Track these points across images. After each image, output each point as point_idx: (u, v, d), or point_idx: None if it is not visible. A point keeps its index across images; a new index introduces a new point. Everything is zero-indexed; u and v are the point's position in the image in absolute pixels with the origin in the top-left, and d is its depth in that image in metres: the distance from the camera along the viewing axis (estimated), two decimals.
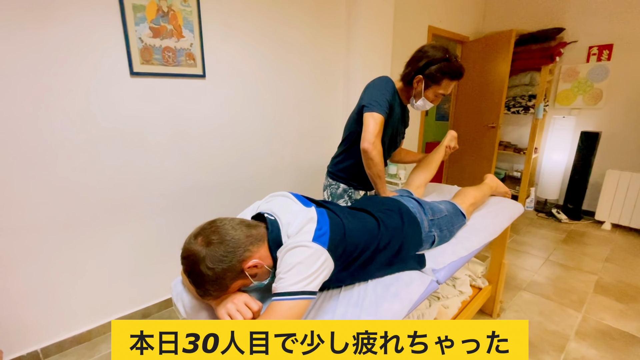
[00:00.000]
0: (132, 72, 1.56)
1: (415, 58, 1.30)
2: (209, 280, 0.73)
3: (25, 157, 1.38)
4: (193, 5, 1.68)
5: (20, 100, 1.33)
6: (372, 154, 1.23)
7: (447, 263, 1.12)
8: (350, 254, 0.88)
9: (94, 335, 1.71)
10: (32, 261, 1.47)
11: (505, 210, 1.61)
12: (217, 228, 0.77)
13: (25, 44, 1.31)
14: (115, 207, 1.64)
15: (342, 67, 2.56)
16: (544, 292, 2.14)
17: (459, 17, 3.56)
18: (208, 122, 1.89)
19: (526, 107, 3.54)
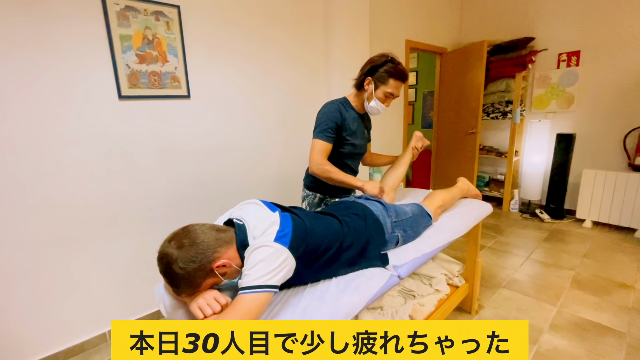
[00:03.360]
0: (120, 96, 1.69)
1: (364, 67, 1.47)
2: (182, 279, 0.83)
3: (19, 176, 1.48)
4: (176, 33, 1.82)
5: (16, 124, 1.45)
6: (322, 170, 1.43)
7: (409, 259, 1.22)
8: (313, 253, 0.98)
9: (88, 347, 1.77)
10: (26, 276, 1.55)
11: (474, 210, 1.71)
12: (188, 232, 0.87)
13: (23, 72, 1.44)
14: (105, 223, 1.74)
15: (323, 82, 2.70)
16: (522, 289, 2.22)
17: (436, 30, 3.75)
18: (193, 139, 2.01)
19: (504, 112, 3.70)
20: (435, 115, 4.11)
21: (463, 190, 1.79)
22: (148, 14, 1.70)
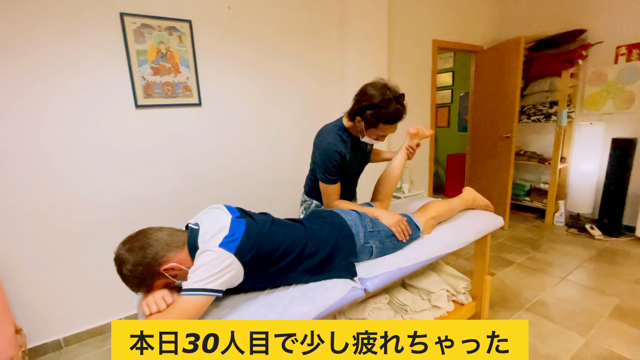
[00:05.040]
0: (136, 105, 1.87)
1: (357, 98, 1.31)
2: (131, 280, 0.90)
3: (51, 178, 1.72)
4: (188, 45, 1.96)
5: (51, 131, 1.69)
6: (335, 206, 1.42)
7: (381, 272, 1.17)
8: (265, 259, 0.99)
9: (106, 329, 1.98)
10: (55, 263, 1.79)
11: (478, 224, 1.58)
12: (141, 237, 0.94)
13: (54, 88, 1.67)
14: (123, 219, 1.93)
15: (337, 86, 2.68)
16: (548, 313, 1.98)
17: (471, 27, 3.51)
18: (205, 145, 2.14)
19: (548, 114, 3.33)
20: (470, 119, 3.84)
21: (467, 201, 1.66)
22: (162, 30, 1.86)
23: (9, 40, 1.54)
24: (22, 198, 1.66)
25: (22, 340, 1.62)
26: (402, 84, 1.42)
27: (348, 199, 1.58)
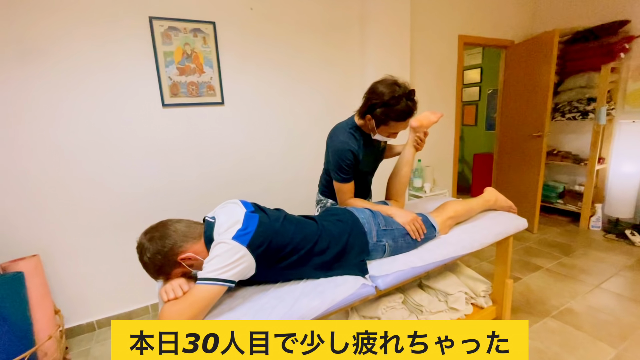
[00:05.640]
0: (163, 104, 1.97)
1: (366, 96, 1.30)
2: (151, 267, 0.96)
3: (85, 173, 1.85)
4: (212, 46, 2.03)
5: (84, 131, 1.82)
6: (349, 205, 1.42)
7: (392, 271, 1.16)
8: (276, 253, 1.02)
9: (133, 315, 2.11)
10: (89, 252, 1.93)
11: (498, 225, 1.53)
12: (161, 227, 1.00)
13: (88, 89, 1.79)
14: (149, 212, 2.04)
15: (358, 83, 2.67)
16: (577, 322, 1.87)
17: (500, 21, 3.36)
18: (226, 142, 2.21)
19: (584, 111, 3.12)
20: (498, 116, 3.68)
21: (488, 201, 1.61)
22: (187, 32, 1.94)
23: (50, 45, 1.68)
24: (61, 192, 1.81)
25: (60, 321, 1.77)
26: (425, 81, 1.40)
27: (363, 198, 1.57)
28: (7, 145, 1.67)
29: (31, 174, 1.73)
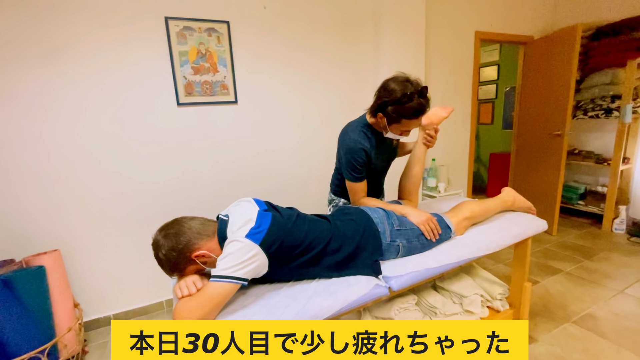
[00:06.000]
0: (178, 103, 1.99)
1: (378, 93, 1.28)
2: (165, 263, 0.98)
3: (103, 170, 1.90)
4: (226, 45, 2.05)
5: (103, 129, 1.86)
6: (362, 204, 1.40)
7: (406, 272, 1.14)
8: (288, 252, 1.01)
9: (149, 310, 2.15)
10: (107, 247, 1.98)
11: (516, 227, 1.48)
12: (176, 224, 1.01)
13: (107, 90, 1.83)
14: (164, 209, 2.07)
15: (371, 80, 2.64)
16: (599, 328, 1.80)
17: (519, 15, 3.27)
18: (239, 140, 2.23)
19: (608, 109, 3.00)
20: (516, 115, 3.58)
21: (506, 202, 1.56)
22: (202, 31, 1.96)
23: (70, 46, 1.73)
24: (80, 188, 1.86)
25: (79, 314, 1.82)
26: (440, 79, 1.37)
27: (375, 197, 1.55)
28: (31, 142, 1.73)
29: (53, 171, 1.79)
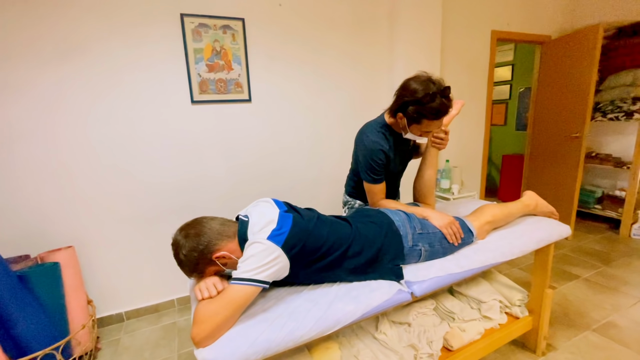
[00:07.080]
0: (192, 101, 1.98)
1: (398, 93, 1.24)
2: (186, 264, 0.96)
3: (118, 168, 1.89)
4: (240, 43, 2.03)
5: (116, 128, 1.85)
6: (381, 206, 1.38)
7: (429, 277, 1.11)
8: (309, 255, 0.98)
9: (160, 308, 2.15)
10: (120, 245, 1.98)
11: (539, 231, 1.43)
12: (197, 224, 0.99)
13: (123, 87, 1.83)
14: (179, 206, 2.07)
15: (386, 80, 2.60)
16: (621, 337, 1.75)
17: (536, 15, 3.19)
18: (253, 138, 2.21)
19: (629, 112, 2.92)
20: (531, 116, 3.51)
21: (528, 206, 1.51)
22: (217, 29, 1.95)
23: (88, 45, 1.72)
24: (94, 186, 1.86)
25: (93, 311, 1.82)
26: (455, 79, 1.34)
27: (391, 198, 1.52)
28: (46, 139, 1.73)
29: (68, 168, 1.79)
